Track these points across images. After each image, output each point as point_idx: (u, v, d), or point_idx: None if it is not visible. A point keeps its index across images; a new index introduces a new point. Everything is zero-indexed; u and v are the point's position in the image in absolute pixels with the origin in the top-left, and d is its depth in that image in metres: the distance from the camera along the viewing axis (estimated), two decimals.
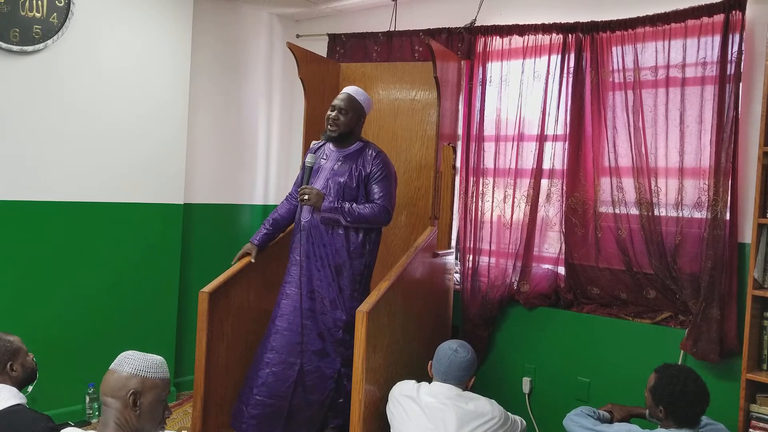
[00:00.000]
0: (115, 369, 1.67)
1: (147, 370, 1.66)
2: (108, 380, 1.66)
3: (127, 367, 1.65)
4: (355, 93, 3.08)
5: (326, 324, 3.02)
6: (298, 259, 3.06)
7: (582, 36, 3.30)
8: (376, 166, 3.05)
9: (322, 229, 3.02)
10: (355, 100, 3.06)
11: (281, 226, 3.29)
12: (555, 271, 3.48)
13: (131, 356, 1.69)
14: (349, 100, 3.05)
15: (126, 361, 1.67)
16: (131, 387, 1.63)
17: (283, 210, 3.28)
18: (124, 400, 1.62)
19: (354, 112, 3.05)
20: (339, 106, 3.04)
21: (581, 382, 3.33)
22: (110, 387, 1.64)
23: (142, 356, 1.69)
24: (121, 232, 3.69)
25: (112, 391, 1.64)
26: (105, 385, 1.65)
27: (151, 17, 3.75)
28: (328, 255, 3.01)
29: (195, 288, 3.36)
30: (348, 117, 3.04)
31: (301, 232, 3.06)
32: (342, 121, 3.03)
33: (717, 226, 2.88)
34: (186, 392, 4.06)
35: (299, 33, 4.51)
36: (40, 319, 3.37)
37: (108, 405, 1.64)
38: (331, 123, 3.04)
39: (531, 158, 3.45)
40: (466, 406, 2.52)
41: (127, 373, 1.65)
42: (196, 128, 4.15)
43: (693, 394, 2.16)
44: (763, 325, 2.75)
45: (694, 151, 3.00)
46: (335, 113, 3.04)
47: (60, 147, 3.42)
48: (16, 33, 3.18)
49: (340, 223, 2.97)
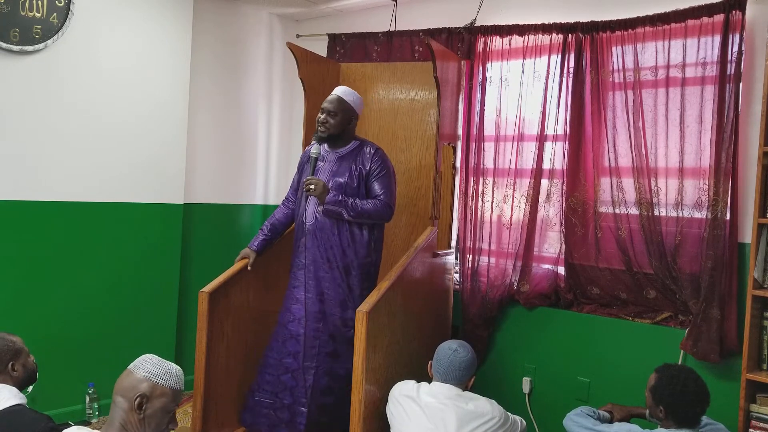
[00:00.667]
0: (132, 370, 1.67)
1: (160, 377, 1.66)
2: (122, 379, 1.66)
3: (142, 371, 1.66)
4: (344, 94, 3.08)
5: (335, 324, 3.02)
6: (303, 263, 3.05)
7: (582, 36, 3.30)
8: (375, 163, 3.06)
9: (327, 230, 3.01)
10: (344, 102, 3.06)
11: (279, 231, 3.30)
12: (555, 271, 3.47)
13: (149, 360, 1.69)
14: (338, 101, 3.05)
15: (143, 364, 1.67)
16: (141, 390, 1.63)
17: (281, 215, 3.29)
18: (131, 401, 1.62)
19: (343, 114, 3.05)
20: (328, 108, 3.04)
21: (581, 382, 3.33)
22: (122, 386, 1.65)
23: (159, 362, 1.69)
24: (121, 232, 3.69)
25: (123, 390, 1.64)
26: (119, 383, 1.66)
27: (151, 17, 3.75)
28: (335, 256, 3.01)
29: (195, 288, 3.36)
30: (337, 119, 3.04)
31: (306, 235, 3.05)
32: (331, 123, 3.03)
33: (717, 226, 2.88)
34: (186, 392, 4.05)
35: (299, 33, 4.51)
36: (40, 319, 3.37)
37: (117, 404, 1.64)
38: (320, 125, 3.04)
39: (531, 158, 3.45)
40: (466, 406, 2.52)
41: (140, 376, 1.65)
42: (196, 128, 4.15)
43: (693, 394, 2.16)
44: (763, 325, 2.75)
45: (694, 151, 3.00)
46: (324, 116, 3.04)
47: (60, 147, 3.42)
48: (16, 33, 3.18)
49: (343, 217, 2.97)
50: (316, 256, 3.03)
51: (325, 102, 3.07)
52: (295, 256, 3.12)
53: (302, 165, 3.26)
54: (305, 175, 3.08)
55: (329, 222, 3.02)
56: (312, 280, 3.03)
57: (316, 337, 3.01)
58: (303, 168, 3.23)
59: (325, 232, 3.02)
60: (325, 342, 3.01)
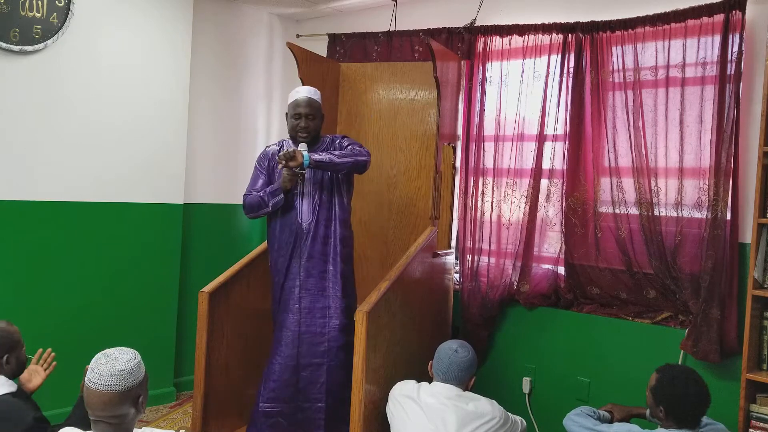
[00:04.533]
0: (104, 389, 1.68)
1: (129, 378, 1.70)
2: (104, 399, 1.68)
3: (118, 385, 1.68)
4: (313, 94, 3.06)
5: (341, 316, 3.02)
6: (300, 263, 3.02)
7: (582, 36, 3.30)
8: (345, 140, 3.11)
9: (321, 227, 3.02)
10: (315, 102, 3.05)
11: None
12: (555, 271, 3.47)
13: (104, 373, 1.68)
14: (313, 103, 3.03)
15: (104, 380, 1.67)
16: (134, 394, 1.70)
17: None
18: (134, 405, 1.72)
19: (318, 114, 3.06)
20: (306, 112, 3.00)
21: (581, 382, 3.33)
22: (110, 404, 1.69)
23: (111, 370, 1.69)
24: (122, 232, 3.69)
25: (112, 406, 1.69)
26: (104, 407, 1.67)
27: (151, 17, 3.75)
28: (335, 248, 3.03)
29: (195, 288, 3.36)
30: (316, 121, 3.04)
31: (303, 234, 3.01)
32: (312, 126, 3.03)
33: (717, 226, 2.87)
34: (186, 392, 4.06)
35: (299, 33, 4.51)
36: (40, 319, 3.37)
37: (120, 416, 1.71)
38: (301, 130, 3.00)
39: (531, 158, 3.45)
40: (467, 407, 2.52)
41: (122, 388, 1.69)
42: (196, 128, 4.15)
43: (694, 395, 2.15)
44: (763, 325, 2.75)
45: (694, 151, 3.00)
46: (305, 121, 3.00)
47: (60, 147, 3.42)
48: (16, 33, 3.18)
49: (332, 162, 2.92)
50: (314, 253, 3.02)
51: (300, 107, 3.00)
52: (290, 257, 3.04)
53: (271, 168, 3.11)
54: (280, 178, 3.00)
55: (324, 215, 3.02)
56: (313, 278, 3.03)
57: (323, 333, 3.00)
58: (274, 171, 3.09)
59: (318, 231, 3.01)
60: (335, 336, 3.00)
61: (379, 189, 3.80)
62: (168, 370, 3.98)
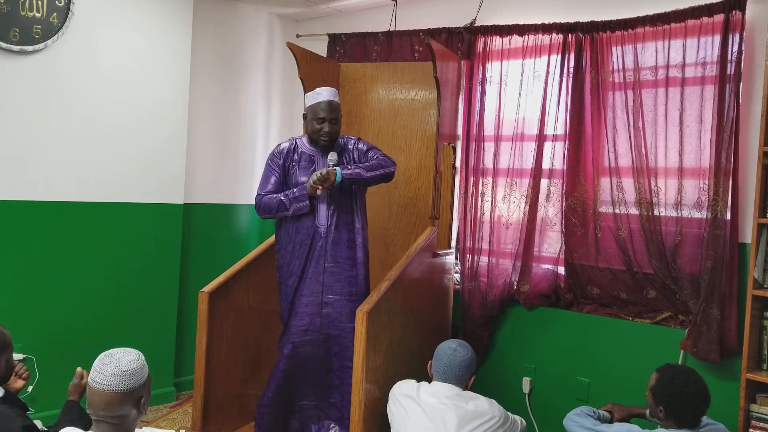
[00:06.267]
0: (109, 389, 1.70)
1: (130, 380, 1.71)
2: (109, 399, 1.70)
3: (121, 386, 1.70)
4: (334, 96, 3.01)
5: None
6: (323, 266, 2.96)
7: (582, 36, 3.30)
8: (360, 143, 3.11)
9: (343, 231, 2.99)
10: (336, 104, 3.01)
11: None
12: (555, 271, 3.47)
13: (108, 373, 1.70)
14: (335, 107, 2.99)
15: (108, 380, 1.69)
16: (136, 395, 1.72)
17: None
18: (137, 407, 1.75)
19: (339, 115, 3.04)
20: (329, 117, 2.95)
21: (581, 382, 3.33)
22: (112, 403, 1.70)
23: (114, 370, 1.70)
24: (122, 232, 3.69)
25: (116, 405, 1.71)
26: (106, 406, 1.69)
27: (151, 17, 3.75)
28: (355, 249, 3.02)
29: (195, 288, 3.36)
30: (338, 125, 3.01)
31: (320, 238, 2.96)
32: (334, 131, 2.99)
33: (717, 226, 2.87)
34: (186, 392, 4.06)
35: (299, 33, 4.51)
36: (39, 319, 3.37)
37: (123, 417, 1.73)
38: (324, 135, 2.96)
39: (531, 158, 3.45)
40: (466, 406, 2.52)
41: (124, 389, 1.71)
42: (196, 128, 4.15)
43: (694, 394, 2.15)
44: (763, 325, 2.75)
45: (693, 151, 3.00)
46: (328, 126, 2.95)
47: (60, 147, 3.42)
48: (16, 33, 3.18)
49: (362, 177, 2.94)
50: (338, 257, 2.98)
51: (322, 111, 2.94)
52: (306, 259, 2.98)
53: (285, 166, 3.05)
54: (302, 176, 2.98)
55: (345, 219, 3.00)
56: (338, 283, 2.97)
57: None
58: (290, 170, 3.05)
59: (339, 234, 2.98)
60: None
61: (379, 189, 3.78)
62: (168, 370, 3.98)
